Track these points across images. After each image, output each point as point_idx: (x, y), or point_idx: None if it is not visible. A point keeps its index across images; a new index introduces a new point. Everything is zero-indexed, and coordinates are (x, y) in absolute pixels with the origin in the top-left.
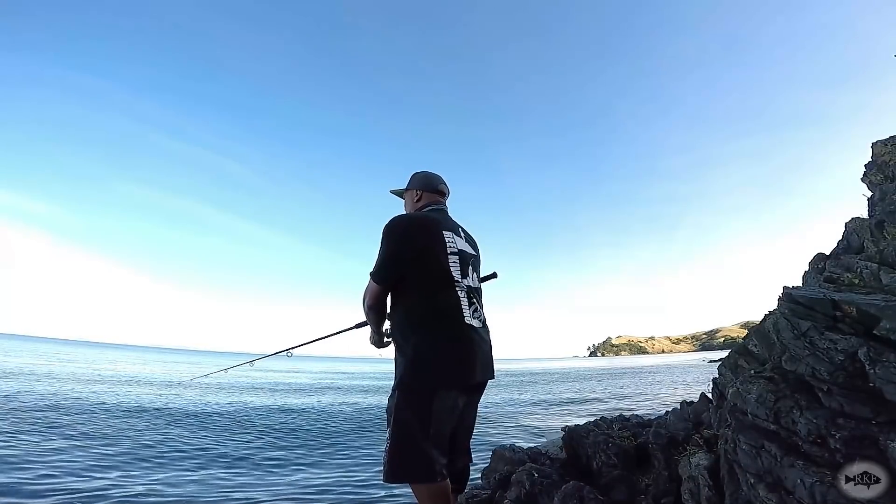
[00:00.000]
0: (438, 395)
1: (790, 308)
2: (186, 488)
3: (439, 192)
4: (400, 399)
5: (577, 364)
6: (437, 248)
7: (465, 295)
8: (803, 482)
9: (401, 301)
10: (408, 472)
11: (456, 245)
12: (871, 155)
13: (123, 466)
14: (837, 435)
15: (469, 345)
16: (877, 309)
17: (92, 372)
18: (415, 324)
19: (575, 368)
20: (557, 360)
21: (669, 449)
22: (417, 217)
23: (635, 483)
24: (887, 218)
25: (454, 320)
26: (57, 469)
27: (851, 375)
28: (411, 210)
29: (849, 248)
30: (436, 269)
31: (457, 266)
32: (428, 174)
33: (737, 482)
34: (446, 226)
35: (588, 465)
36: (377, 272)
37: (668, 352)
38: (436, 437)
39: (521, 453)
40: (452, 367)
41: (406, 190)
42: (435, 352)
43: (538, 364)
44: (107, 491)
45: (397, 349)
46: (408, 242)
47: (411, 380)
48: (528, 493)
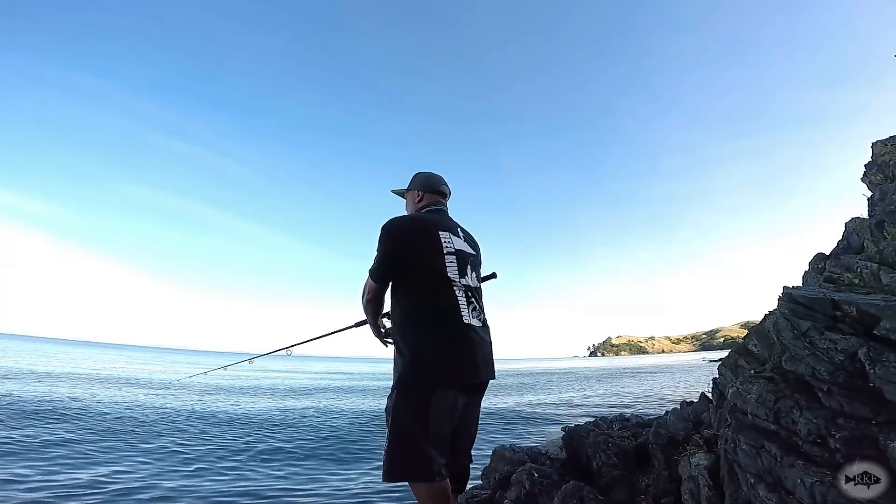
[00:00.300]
0: (437, 394)
1: (790, 308)
2: (179, 482)
3: (440, 192)
4: (398, 399)
5: (577, 364)
6: (433, 248)
7: (463, 294)
8: (803, 482)
9: (399, 301)
10: (406, 471)
11: (453, 245)
12: (871, 155)
13: (117, 461)
14: (837, 435)
15: (468, 344)
16: (877, 309)
17: (92, 372)
18: (413, 324)
19: (575, 368)
20: (557, 360)
21: (669, 449)
22: (414, 217)
23: (635, 483)
24: (887, 218)
25: (453, 320)
26: (54, 463)
27: (851, 375)
28: (412, 210)
29: (849, 248)
30: (433, 269)
31: (454, 265)
32: (429, 175)
33: (737, 482)
34: (444, 226)
35: (588, 465)
36: (375, 271)
37: (668, 352)
38: (435, 436)
39: (521, 453)
40: (451, 367)
41: (407, 190)
42: (434, 352)
43: (538, 364)
44: (101, 484)
45: (396, 349)
46: (404, 242)
47: (410, 380)
48: (528, 493)
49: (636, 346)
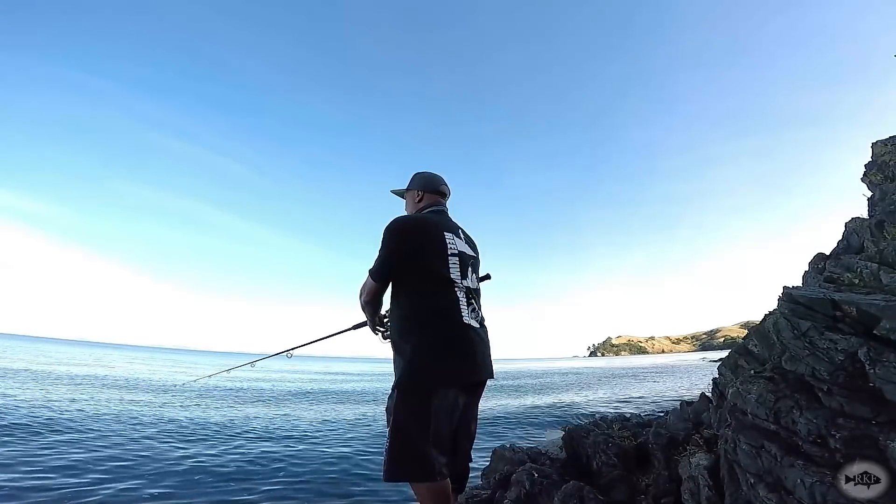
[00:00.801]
0: (437, 394)
1: (790, 308)
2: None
3: (440, 193)
4: (399, 399)
5: (577, 364)
6: (437, 249)
7: (463, 295)
8: (803, 482)
9: (400, 301)
10: (406, 471)
11: (456, 246)
12: (871, 155)
13: (115, 465)
14: (837, 435)
15: (468, 344)
16: (877, 309)
17: (91, 371)
18: (414, 324)
19: (575, 368)
20: (557, 360)
21: (669, 449)
22: (418, 218)
23: (635, 483)
24: (887, 218)
25: (453, 320)
26: (50, 468)
27: (851, 375)
28: (412, 210)
29: (849, 248)
30: (435, 269)
31: (456, 267)
32: (429, 175)
33: (737, 482)
34: (446, 227)
35: (588, 465)
36: (376, 271)
37: (668, 352)
38: (435, 436)
39: (521, 453)
40: (451, 367)
41: (407, 190)
42: (434, 351)
43: (538, 364)
44: (97, 488)
45: (395, 349)
46: (407, 243)
47: (410, 379)
48: (528, 493)
49: (636, 346)
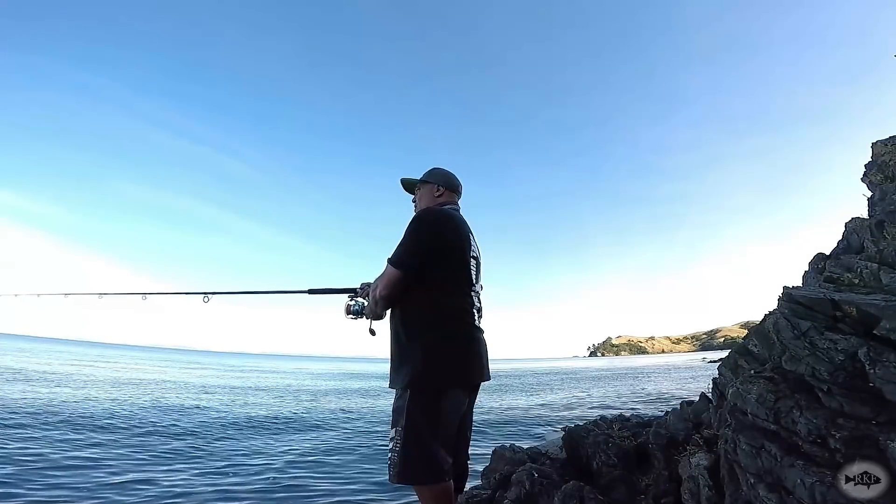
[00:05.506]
0: (448, 395)
1: (790, 308)
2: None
3: (457, 192)
4: (410, 400)
5: (577, 364)
6: (464, 249)
7: (476, 298)
8: (803, 482)
9: (415, 298)
10: (417, 474)
11: (476, 250)
12: (871, 155)
13: (116, 461)
14: (837, 435)
15: (477, 345)
16: (877, 309)
17: (91, 372)
18: (428, 323)
19: (575, 368)
20: (557, 359)
21: (669, 449)
22: (451, 214)
23: (635, 483)
24: (887, 218)
25: (466, 323)
26: (53, 464)
27: (851, 375)
28: (428, 204)
29: (849, 248)
30: (458, 270)
31: (473, 270)
32: (449, 172)
33: (737, 482)
34: (468, 228)
35: (588, 465)
36: (400, 259)
37: (668, 352)
38: (443, 437)
39: (521, 453)
40: (461, 368)
41: (425, 182)
42: (446, 352)
43: (538, 364)
44: (99, 484)
45: (399, 347)
46: (438, 236)
47: (423, 380)
48: (528, 493)
49: (636, 346)
